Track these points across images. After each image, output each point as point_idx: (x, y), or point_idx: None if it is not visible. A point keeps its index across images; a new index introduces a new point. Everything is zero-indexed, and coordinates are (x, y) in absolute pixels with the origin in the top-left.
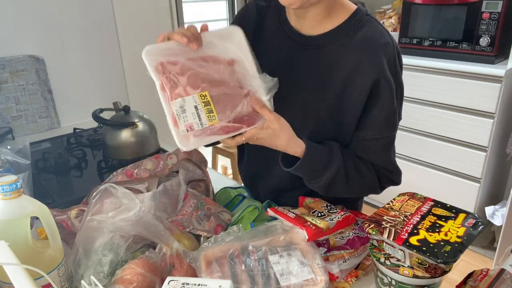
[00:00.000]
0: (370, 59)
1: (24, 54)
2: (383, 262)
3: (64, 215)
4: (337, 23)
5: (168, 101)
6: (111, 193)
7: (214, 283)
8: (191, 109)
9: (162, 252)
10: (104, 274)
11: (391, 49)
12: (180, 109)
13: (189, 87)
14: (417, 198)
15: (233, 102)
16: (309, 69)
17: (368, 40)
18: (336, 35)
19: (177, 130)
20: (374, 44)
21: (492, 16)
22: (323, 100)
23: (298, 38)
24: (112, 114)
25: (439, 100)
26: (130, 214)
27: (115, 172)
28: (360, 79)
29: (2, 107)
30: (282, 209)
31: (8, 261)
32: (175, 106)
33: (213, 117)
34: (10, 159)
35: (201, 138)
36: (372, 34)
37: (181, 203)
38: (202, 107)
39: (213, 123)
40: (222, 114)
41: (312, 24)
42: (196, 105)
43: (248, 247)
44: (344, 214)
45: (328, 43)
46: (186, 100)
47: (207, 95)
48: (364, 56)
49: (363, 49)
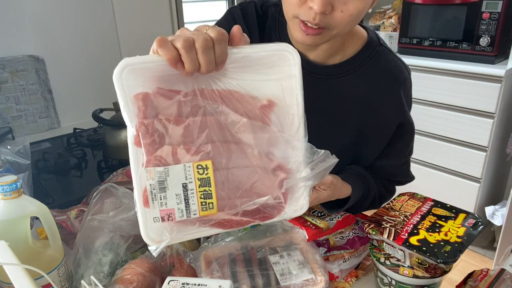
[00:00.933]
0: (392, 100)
1: (24, 54)
2: (383, 262)
3: (64, 216)
4: (351, 53)
5: (141, 167)
6: (112, 192)
7: (214, 283)
8: (175, 188)
9: (163, 252)
10: (104, 274)
11: (409, 85)
12: (158, 186)
13: (183, 150)
14: (417, 198)
15: (251, 181)
16: (323, 98)
17: (387, 76)
18: (352, 66)
19: (147, 214)
20: (394, 81)
21: (492, 16)
22: (345, 131)
23: (306, 65)
24: (112, 114)
25: (439, 100)
26: (130, 214)
27: (115, 172)
28: (383, 120)
29: (2, 107)
30: None
31: (8, 261)
32: (151, 179)
33: (211, 206)
34: (10, 159)
35: (183, 232)
36: (390, 69)
37: None
38: (196, 188)
39: (207, 214)
40: (227, 202)
41: (322, 55)
42: (186, 182)
43: (248, 247)
44: (344, 214)
45: (344, 74)
46: (171, 171)
47: (209, 166)
48: (385, 94)
49: (383, 85)
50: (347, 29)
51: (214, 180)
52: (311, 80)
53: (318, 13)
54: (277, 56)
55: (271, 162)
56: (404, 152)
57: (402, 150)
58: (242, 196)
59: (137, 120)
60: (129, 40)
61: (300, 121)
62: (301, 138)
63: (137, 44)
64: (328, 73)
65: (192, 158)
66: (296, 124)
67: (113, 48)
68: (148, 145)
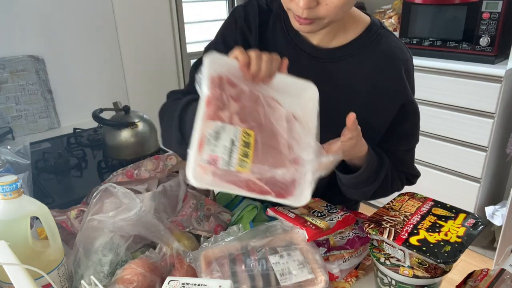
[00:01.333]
0: (394, 80)
1: (24, 54)
2: (383, 262)
3: (64, 216)
4: (353, 36)
5: (205, 119)
6: (112, 192)
7: (214, 283)
8: (226, 141)
9: (163, 252)
10: (104, 274)
11: (411, 65)
12: (214, 134)
13: (237, 118)
14: (417, 198)
15: (275, 160)
16: (328, 81)
17: (389, 56)
18: (354, 48)
19: (198, 157)
20: (397, 61)
21: (492, 16)
22: (351, 110)
23: (311, 50)
24: (112, 114)
25: (439, 100)
26: (130, 214)
27: (115, 172)
28: (386, 100)
29: (2, 107)
30: (282, 209)
31: (8, 261)
32: (210, 128)
33: (245, 164)
34: (10, 159)
35: (219, 181)
36: (392, 50)
37: (181, 204)
38: (239, 145)
39: (241, 170)
40: (256, 166)
41: (325, 39)
42: (234, 139)
43: (248, 247)
44: (344, 214)
45: (346, 56)
46: (226, 128)
47: (252, 135)
48: (386, 74)
49: (386, 66)
50: (339, 16)
51: (253, 145)
52: (316, 65)
53: (303, 9)
54: (302, 88)
55: (291, 152)
56: (409, 136)
57: (407, 134)
58: (268, 167)
59: (213, 88)
60: (129, 40)
61: (314, 132)
62: (312, 142)
63: (137, 44)
64: (332, 56)
65: (241, 125)
66: (310, 134)
67: (113, 48)
68: (215, 106)
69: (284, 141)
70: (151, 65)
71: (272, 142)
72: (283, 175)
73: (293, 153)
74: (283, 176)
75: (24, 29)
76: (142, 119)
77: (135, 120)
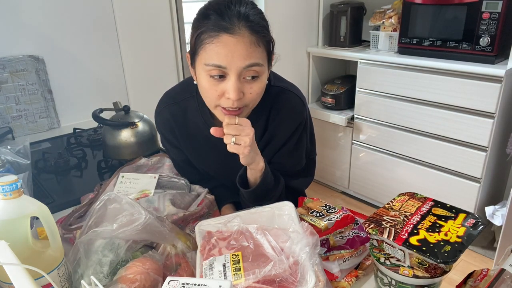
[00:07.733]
0: (288, 126)
1: (24, 54)
2: (383, 262)
3: (71, 234)
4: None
5: (202, 261)
6: (115, 201)
7: (214, 283)
8: (218, 266)
9: (166, 252)
10: (104, 274)
11: (305, 114)
12: (209, 267)
13: (225, 249)
14: (417, 198)
15: (265, 260)
16: None
17: (286, 112)
18: (258, 114)
19: None
20: (295, 117)
21: (492, 16)
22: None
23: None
24: (112, 114)
25: (439, 100)
26: (134, 224)
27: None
28: (281, 135)
29: (2, 107)
30: None
31: (8, 261)
32: (205, 265)
33: (239, 275)
34: (10, 159)
35: None
36: (288, 105)
37: (195, 204)
38: (231, 265)
39: (238, 283)
40: (248, 273)
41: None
42: (225, 263)
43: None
44: (342, 214)
45: (256, 120)
46: (217, 258)
47: (239, 254)
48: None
49: (283, 118)
50: (257, 101)
51: (242, 259)
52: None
53: (234, 100)
54: (280, 208)
55: (282, 252)
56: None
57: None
58: (260, 268)
59: (204, 240)
60: (129, 40)
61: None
62: (297, 226)
63: (137, 44)
64: None
65: (229, 252)
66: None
67: (113, 48)
68: (207, 250)
69: (268, 244)
70: (151, 65)
71: (258, 251)
72: (275, 267)
73: (278, 248)
74: (273, 269)
75: (24, 29)
76: (142, 119)
77: (135, 120)
